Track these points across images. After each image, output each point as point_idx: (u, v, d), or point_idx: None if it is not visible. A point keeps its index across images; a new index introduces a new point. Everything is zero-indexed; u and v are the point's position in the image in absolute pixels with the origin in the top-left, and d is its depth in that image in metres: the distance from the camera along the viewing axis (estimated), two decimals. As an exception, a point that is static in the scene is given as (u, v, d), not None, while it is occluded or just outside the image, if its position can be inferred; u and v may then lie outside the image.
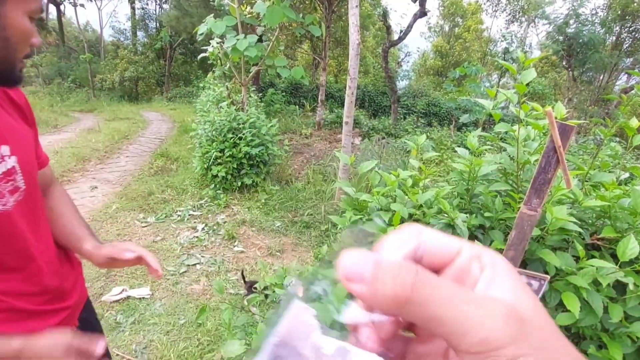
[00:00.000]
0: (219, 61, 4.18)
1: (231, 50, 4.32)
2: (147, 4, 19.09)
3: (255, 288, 1.62)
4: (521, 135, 1.31)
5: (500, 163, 1.51)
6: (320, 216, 4.04)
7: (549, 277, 1.05)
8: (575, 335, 1.16)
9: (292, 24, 5.34)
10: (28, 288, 0.80)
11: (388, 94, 13.14)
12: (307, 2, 10.32)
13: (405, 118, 12.74)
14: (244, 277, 2.49)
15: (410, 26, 10.98)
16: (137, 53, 18.14)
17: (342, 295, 0.23)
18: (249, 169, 4.27)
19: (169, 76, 16.87)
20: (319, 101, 9.52)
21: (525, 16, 18.72)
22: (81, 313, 0.99)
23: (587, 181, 1.39)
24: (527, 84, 1.19)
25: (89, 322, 1.04)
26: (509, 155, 1.53)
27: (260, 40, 4.58)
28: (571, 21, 12.57)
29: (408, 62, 27.92)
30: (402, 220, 1.36)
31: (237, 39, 4.26)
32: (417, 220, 1.50)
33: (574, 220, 1.10)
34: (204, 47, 4.16)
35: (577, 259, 1.12)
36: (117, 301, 2.53)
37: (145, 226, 3.70)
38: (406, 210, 1.31)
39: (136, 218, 3.84)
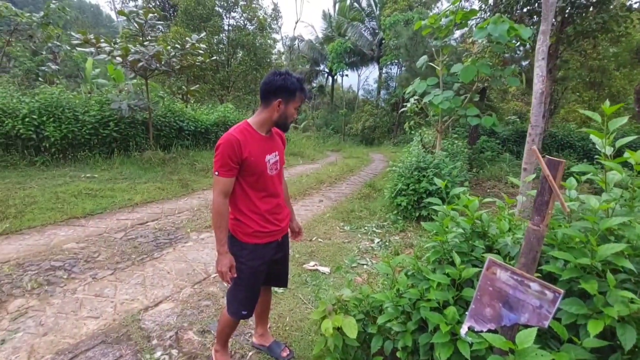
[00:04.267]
0: (413, 113, 4.95)
1: (429, 104, 5.04)
2: (391, 69, 22.66)
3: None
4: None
5: None
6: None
7: (563, 291, 1.19)
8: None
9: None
10: (273, 209, 1.88)
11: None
12: (532, 52, 9.59)
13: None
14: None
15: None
16: (377, 107, 21.65)
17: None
18: (426, 203, 4.73)
19: (397, 125, 19.19)
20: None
21: None
22: (282, 236, 2.00)
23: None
24: None
25: (284, 242, 2.05)
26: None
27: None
28: None
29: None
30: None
31: (435, 95, 4.94)
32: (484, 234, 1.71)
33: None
34: (405, 103, 5.08)
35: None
36: (310, 269, 3.61)
37: (342, 232, 4.83)
38: (464, 224, 1.63)
39: (337, 225, 5.07)
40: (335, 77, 26.39)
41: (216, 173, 1.67)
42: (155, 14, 8.26)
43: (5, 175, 5.98)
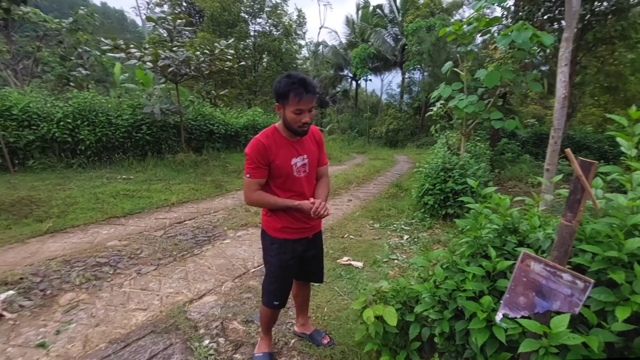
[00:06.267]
0: (439, 117, 5.07)
1: (454, 108, 5.14)
2: (414, 74, 22.71)
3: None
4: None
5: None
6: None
7: (593, 281, 1.32)
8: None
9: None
10: None
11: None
12: (552, 57, 9.54)
13: None
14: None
15: None
16: (400, 111, 21.74)
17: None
18: (453, 202, 4.87)
19: (420, 128, 19.21)
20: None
21: None
22: (314, 234, 2.13)
23: None
24: None
25: (316, 240, 2.17)
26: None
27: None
28: None
29: None
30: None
31: (460, 99, 5.02)
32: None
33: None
34: (431, 107, 5.20)
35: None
36: (344, 264, 3.76)
37: (371, 229, 5.01)
38: (497, 221, 1.78)
39: (367, 223, 5.25)
40: (359, 81, 26.61)
41: (247, 175, 1.84)
42: (183, 20, 8.63)
43: (44, 176, 6.41)
